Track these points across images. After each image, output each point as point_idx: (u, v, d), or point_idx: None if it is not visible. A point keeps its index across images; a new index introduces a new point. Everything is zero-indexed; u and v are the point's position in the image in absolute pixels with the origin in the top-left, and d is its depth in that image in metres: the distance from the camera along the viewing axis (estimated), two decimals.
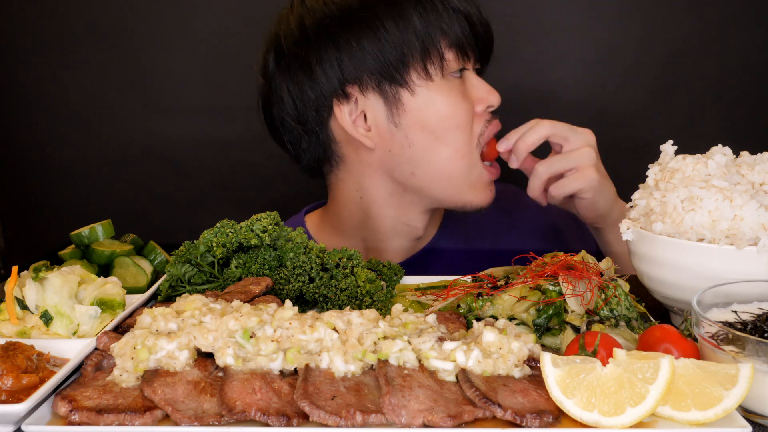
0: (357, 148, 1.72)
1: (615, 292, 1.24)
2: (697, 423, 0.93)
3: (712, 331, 1.03)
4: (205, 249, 1.37)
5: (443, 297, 1.33)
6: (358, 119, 1.68)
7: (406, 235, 1.82)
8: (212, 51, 2.95)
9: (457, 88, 1.67)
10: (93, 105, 2.98)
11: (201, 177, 3.04)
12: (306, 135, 1.74)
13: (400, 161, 1.68)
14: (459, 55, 1.66)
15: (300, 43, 1.65)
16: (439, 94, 1.64)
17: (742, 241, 1.19)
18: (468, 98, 1.68)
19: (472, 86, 1.70)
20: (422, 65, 1.62)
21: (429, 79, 1.63)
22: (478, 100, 1.69)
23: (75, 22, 2.90)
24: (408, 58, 1.61)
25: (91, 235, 1.53)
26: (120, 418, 0.95)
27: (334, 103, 1.66)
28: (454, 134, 1.66)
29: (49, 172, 3.07)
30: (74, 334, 1.20)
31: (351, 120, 1.67)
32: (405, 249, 1.86)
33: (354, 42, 1.61)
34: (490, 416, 0.96)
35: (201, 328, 1.08)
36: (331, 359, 1.04)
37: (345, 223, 1.85)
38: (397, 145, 1.67)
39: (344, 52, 1.62)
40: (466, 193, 1.71)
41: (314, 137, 1.73)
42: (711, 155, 1.31)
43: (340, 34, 1.62)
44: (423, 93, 1.64)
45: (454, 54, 1.65)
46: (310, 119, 1.70)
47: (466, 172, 1.69)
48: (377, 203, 1.77)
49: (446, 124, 1.65)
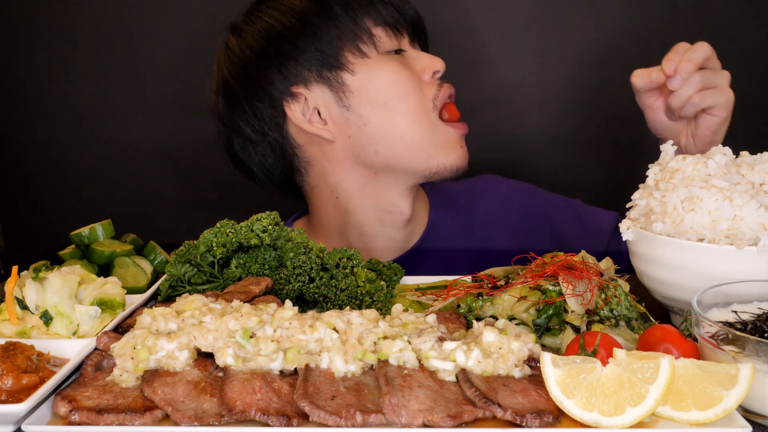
0: (320, 146, 1.76)
1: (615, 292, 1.24)
2: (697, 423, 0.93)
3: (712, 331, 1.03)
4: (205, 249, 1.37)
5: (443, 297, 1.33)
6: (313, 116, 1.73)
7: (392, 223, 1.82)
8: (212, 51, 2.94)
9: (396, 60, 1.72)
10: (93, 105, 2.97)
11: (201, 177, 3.04)
12: (271, 152, 1.80)
13: (362, 143, 1.72)
14: (389, 32, 1.73)
15: (243, 71, 1.75)
16: (378, 67, 1.70)
17: (742, 241, 1.19)
18: (410, 68, 1.72)
19: (413, 59, 1.75)
20: (355, 46, 1.69)
21: (365, 56, 1.70)
22: (422, 69, 1.73)
23: (75, 22, 2.90)
24: (339, 42, 1.69)
25: (91, 235, 1.53)
26: (120, 418, 0.95)
27: (286, 107, 1.73)
28: (404, 101, 1.70)
29: (49, 172, 3.07)
30: (74, 334, 1.19)
31: (306, 119, 1.73)
32: (395, 245, 1.86)
33: (288, 45, 1.70)
34: (490, 416, 0.96)
35: (201, 328, 1.08)
36: (331, 359, 1.04)
37: (328, 227, 1.86)
38: (354, 128, 1.71)
39: (282, 58, 1.70)
40: (435, 155, 1.73)
41: (278, 150, 1.80)
42: (711, 155, 1.31)
43: (275, 45, 1.71)
44: (362, 70, 1.70)
45: (383, 31, 1.72)
46: (269, 132, 1.77)
47: (428, 134, 1.72)
48: (353, 197, 1.79)
49: (392, 93, 1.70)
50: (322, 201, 1.84)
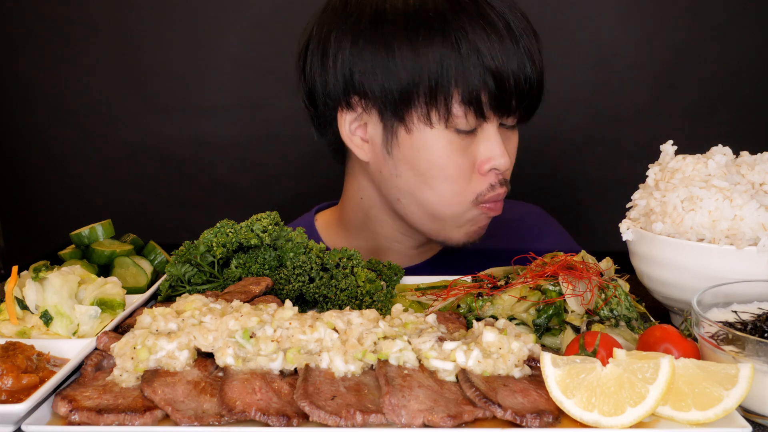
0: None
1: (615, 292, 1.24)
2: (697, 423, 0.93)
3: (712, 331, 1.03)
4: (205, 249, 1.37)
5: (443, 297, 1.33)
6: (359, 128, 1.62)
7: (404, 242, 1.79)
8: (212, 51, 2.95)
9: (457, 142, 1.54)
10: (93, 105, 2.98)
11: (201, 177, 3.04)
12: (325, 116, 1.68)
13: (389, 185, 1.63)
14: (472, 113, 1.51)
15: (322, 46, 1.59)
16: (437, 142, 1.53)
17: (742, 241, 1.19)
18: (470, 153, 1.56)
19: (481, 140, 1.56)
20: (425, 108, 1.51)
21: (429, 125, 1.52)
22: (483, 159, 1.56)
23: (75, 22, 2.90)
24: (412, 96, 1.50)
25: (91, 235, 1.53)
26: (120, 418, 0.95)
27: (339, 111, 1.61)
28: (442, 184, 1.57)
29: (49, 172, 3.07)
30: (74, 334, 1.19)
31: (351, 131, 1.62)
32: (411, 254, 1.82)
33: (368, 55, 1.52)
34: (490, 416, 0.96)
35: (201, 328, 1.08)
36: (331, 359, 1.04)
37: (350, 222, 1.83)
38: (387, 170, 1.61)
39: (355, 60, 1.54)
40: (450, 231, 1.65)
41: (328, 124, 1.69)
42: (711, 155, 1.31)
43: (359, 38, 1.53)
44: (420, 135, 1.54)
45: (464, 110, 1.50)
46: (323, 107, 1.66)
47: (456, 215, 1.63)
48: (375, 207, 1.74)
49: (435, 172, 1.56)
50: (350, 193, 1.78)
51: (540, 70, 1.56)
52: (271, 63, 2.93)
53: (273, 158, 3.02)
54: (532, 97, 1.56)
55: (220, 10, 2.90)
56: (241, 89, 2.99)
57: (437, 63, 1.47)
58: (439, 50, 1.47)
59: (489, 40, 1.48)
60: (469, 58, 1.47)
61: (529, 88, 1.53)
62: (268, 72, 2.95)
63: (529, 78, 1.52)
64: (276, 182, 3.03)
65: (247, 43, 2.93)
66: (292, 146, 2.99)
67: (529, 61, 1.52)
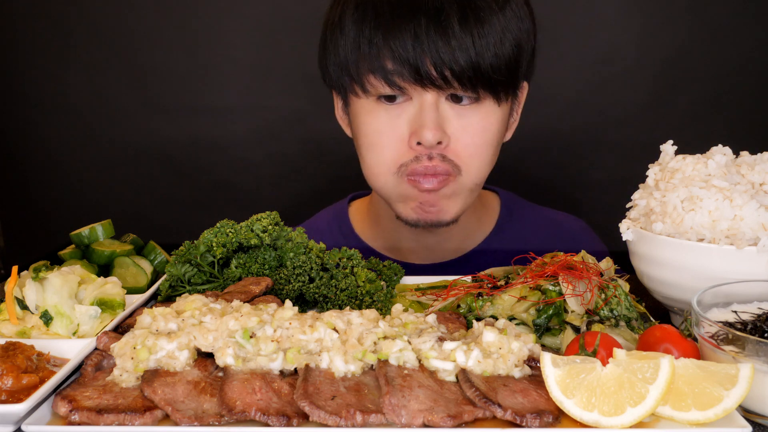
0: None
1: (615, 292, 1.24)
2: (697, 423, 0.93)
3: (712, 331, 1.03)
4: (205, 249, 1.37)
5: (443, 297, 1.33)
6: (342, 109, 1.72)
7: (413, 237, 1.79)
8: (212, 51, 2.95)
9: (384, 113, 1.57)
10: (93, 105, 2.98)
11: (201, 177, 3.04)
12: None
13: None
14: (382, 83, 1.53)
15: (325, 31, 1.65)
16: (362, 110, 1.60)
17: (742, 241, 1.19)
18: (398, 124, 1.56)
19: (414, 112, 1.55)
20: (348, 80, 1.58)
21: (356, 95, 1.60)
22: (411, 130, 1.55)
23: (75, 22, 2.90)
24: (344, 71, 1.58)
25: (91, 235, 1.53)
26: (120, 418, 0.95)
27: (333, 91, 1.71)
28: (366, 153, 1.62)
29: (49, 172, 3.07)
30: (74, 334, 1.19)
31: (340, 112, 1.72)
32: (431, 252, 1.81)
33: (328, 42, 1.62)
34: (490, 416, 0.96)
35: (201, 328, 1.08)
36: (331, 359, 1.04)
37: (375, 212, 1.82)
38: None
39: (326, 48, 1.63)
40: (397, 206, 1.66)
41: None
42: (711, 155, 1.31)
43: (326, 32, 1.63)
44: (353, 107, 1.63)
45: (382, 82, 1.53)
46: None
47: (384, 187, 1.64)
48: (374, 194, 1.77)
49: (361, 140, 1.62)
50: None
51: (486, 52, 1.49)
52: (272, 63, 2.93)
53: (273, 158, 3.02)
54: (481, 78, 1.51)
55: (221, 10, 2.90)
56: (241, 89, 2.99)
57: (354, 43, 1.53)
58: (355, 30, 1.53)
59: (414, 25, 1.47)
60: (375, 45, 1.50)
61: (463, 69, 1.48)
62: (268, 72, 2.95)
63: (457, 61, 1.47)
64: (276, 182, 3.03)
65: (248, 44, 2.93)
66: (292, 146, 2.99)
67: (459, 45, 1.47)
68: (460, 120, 1.56)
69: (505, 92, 1.58)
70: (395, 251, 1.85)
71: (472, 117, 1.57)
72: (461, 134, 1.57)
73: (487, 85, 1.52)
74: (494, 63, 1.50)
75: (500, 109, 1.60)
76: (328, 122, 3.00)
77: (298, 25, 2.84)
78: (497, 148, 1.66)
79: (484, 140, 1.59)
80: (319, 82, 1.73)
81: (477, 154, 1.60)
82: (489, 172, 1.67)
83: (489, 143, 1.60)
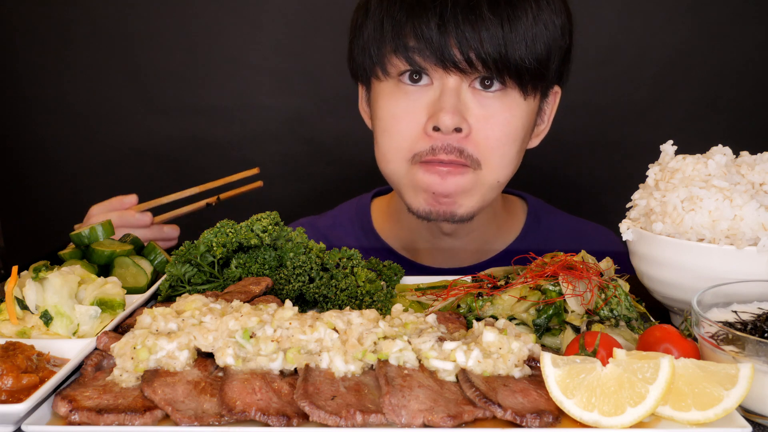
0: None
1: (615, 292, 1.24)
2: (697, 423, 0.93)
3: (712, 331, 1.03)
4: (205, 249, 1.37)
5: (443, 297, 1.33)
6: (364, 101, 1.73)
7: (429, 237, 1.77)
8: (212, 51, 2.95)
9: (399, 93, 1.55)
10: (93, 105, 2.98)
11: (201, 177, 3.04)
12: None
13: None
14: (402, 60, 1.52)
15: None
16: (381, 94, 1.59)
17: (742, 241, 1.19)
18: (416, 108, 1.54)
19: (434, 98, 1.53)
20: (371, 61, 1.59)
21: (376, 77, 1.59)
22: (430, 115, 1.52)
23: (74, 22, 2.90)
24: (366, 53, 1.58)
25: (91, 235, 1.53)
26: (120, 418, 0.95)
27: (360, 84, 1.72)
28: (382, 136, 1.60)
29: (49, 172, 3.07)
30: (74, 334, 1.19)
31: (363, 99, 1.72)
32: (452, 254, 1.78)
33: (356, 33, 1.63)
34: (490, 416, 0.96)
35: (201, 328, 1.08)
36: (331, 359, 1.04)
37: (400, 209, 1.78)
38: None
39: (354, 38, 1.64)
40: (407, 195, 1.62)
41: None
42: (711, 155, 1.31)
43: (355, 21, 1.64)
44: (374, 91, 1.63)
45: (402, 60, 1.52)
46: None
47: (395, 173, 1.62)
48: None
49: (377, 124, 1.61)
50: None
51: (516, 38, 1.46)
52: (271, 63, 2.93)
53: (273, 158, 3.02)
54: (508, 65, 1.47)
55: (220, 10, 2.90)
56: (241, 89, 2.99)
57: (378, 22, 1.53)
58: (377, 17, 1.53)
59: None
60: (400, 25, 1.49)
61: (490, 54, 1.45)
62: (267, 72, 2.95)
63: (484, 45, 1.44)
64: (276, 182, 3.03)
65: (247, 44, 2.93)
66: (292, 146, 2.99)
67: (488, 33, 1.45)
68: (482, 110, 1.52)
69: (533, 84, 1.52)
70: (412, 252, 1.82)
71: (495, 107, 1.52)
72: (482, 125, 1.52)
73: (514, 72, 1.48)
74: (523, 51, 1.46)
75: (526, 103, 1.54)
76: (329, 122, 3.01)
77: (299, 25, 2.84)
78: (521, 146, 1.59)
79: (506, 133, 1.53)
80: (319, 82, 1.73)
81: (498, 147, 1.54)
82: (512, 173, 1.61)
83: (512, 138, 1.54)
